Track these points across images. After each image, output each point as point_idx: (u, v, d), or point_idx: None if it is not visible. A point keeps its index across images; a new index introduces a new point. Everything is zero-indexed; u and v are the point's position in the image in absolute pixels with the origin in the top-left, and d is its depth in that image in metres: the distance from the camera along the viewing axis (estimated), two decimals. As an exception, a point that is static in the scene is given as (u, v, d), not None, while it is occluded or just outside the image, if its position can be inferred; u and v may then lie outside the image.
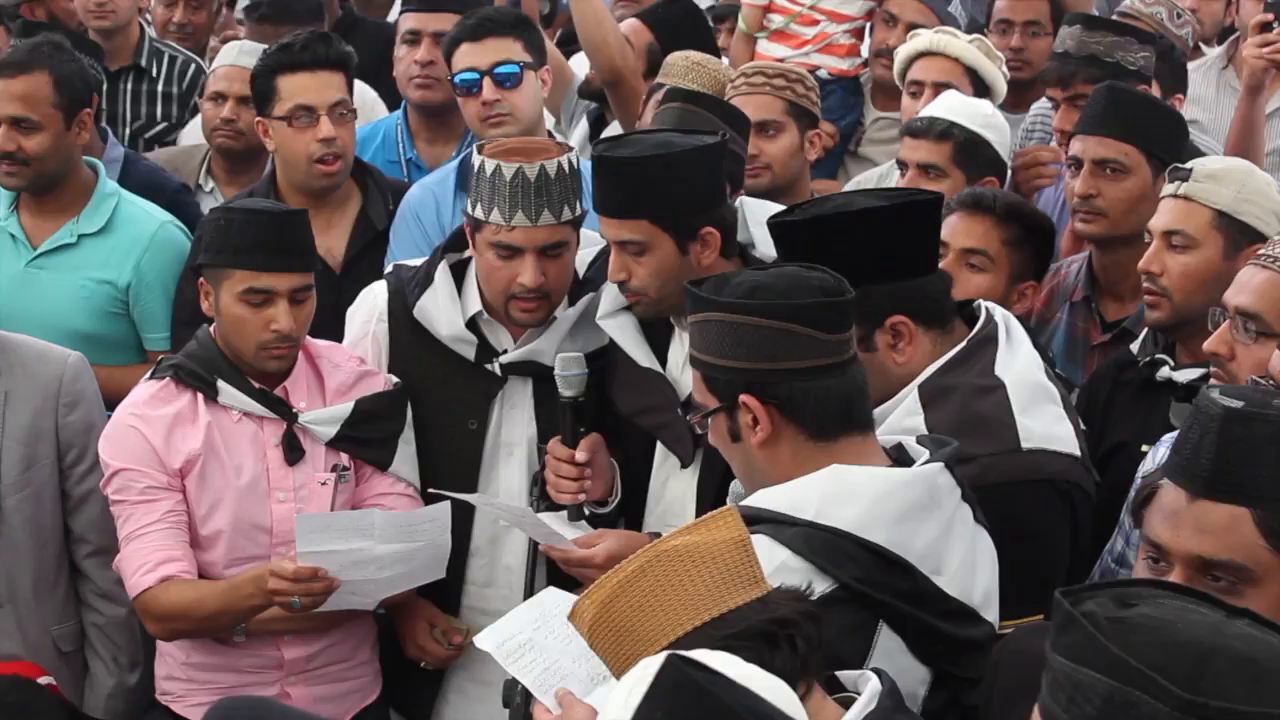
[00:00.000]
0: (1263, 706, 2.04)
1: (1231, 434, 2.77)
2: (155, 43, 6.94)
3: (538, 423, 4.56)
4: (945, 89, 5.61)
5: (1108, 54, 5.48)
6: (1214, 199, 4.29)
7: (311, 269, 4.51)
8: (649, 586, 2.75)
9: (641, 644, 2.67)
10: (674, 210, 4.21)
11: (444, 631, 4.48)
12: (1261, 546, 2.72)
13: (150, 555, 4.33)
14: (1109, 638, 2.14)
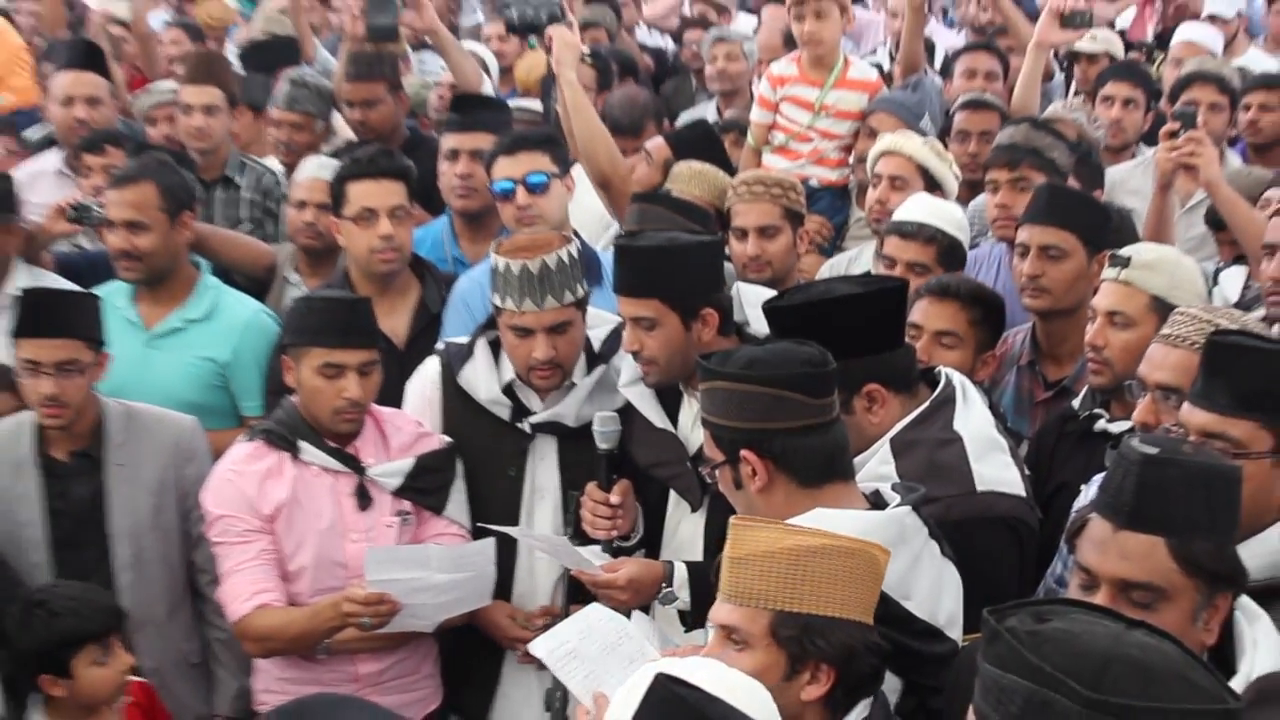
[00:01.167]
0: (1155, 701, 2.16)
1: (1149, 476, 2.83)
2: (240, 156, 7.00)
3: (562, 471, 4.57)
4: (899, 180, 5.67)
5: (1046, 151, 5.53)
6: (1150, 285, 4.33)
7: (376, 346, 4.55)
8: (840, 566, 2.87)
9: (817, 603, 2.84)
10: (679, 292, 4.23)
11: (525, 620, 4.49)
12: (1174, 570, 2.78)
13: (246, 587, 4.37)
14: (1027, 648, 2.24)
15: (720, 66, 8.38)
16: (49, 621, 4.12)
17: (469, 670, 4.68)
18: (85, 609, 4.19)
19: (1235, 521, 2.92)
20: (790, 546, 2.84)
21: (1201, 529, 2.79)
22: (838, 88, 7.05)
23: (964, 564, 3.41)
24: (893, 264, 5.05)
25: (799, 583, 2.81)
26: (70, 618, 4.13)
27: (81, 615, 4.15)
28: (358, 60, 7.36)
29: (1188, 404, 3.42)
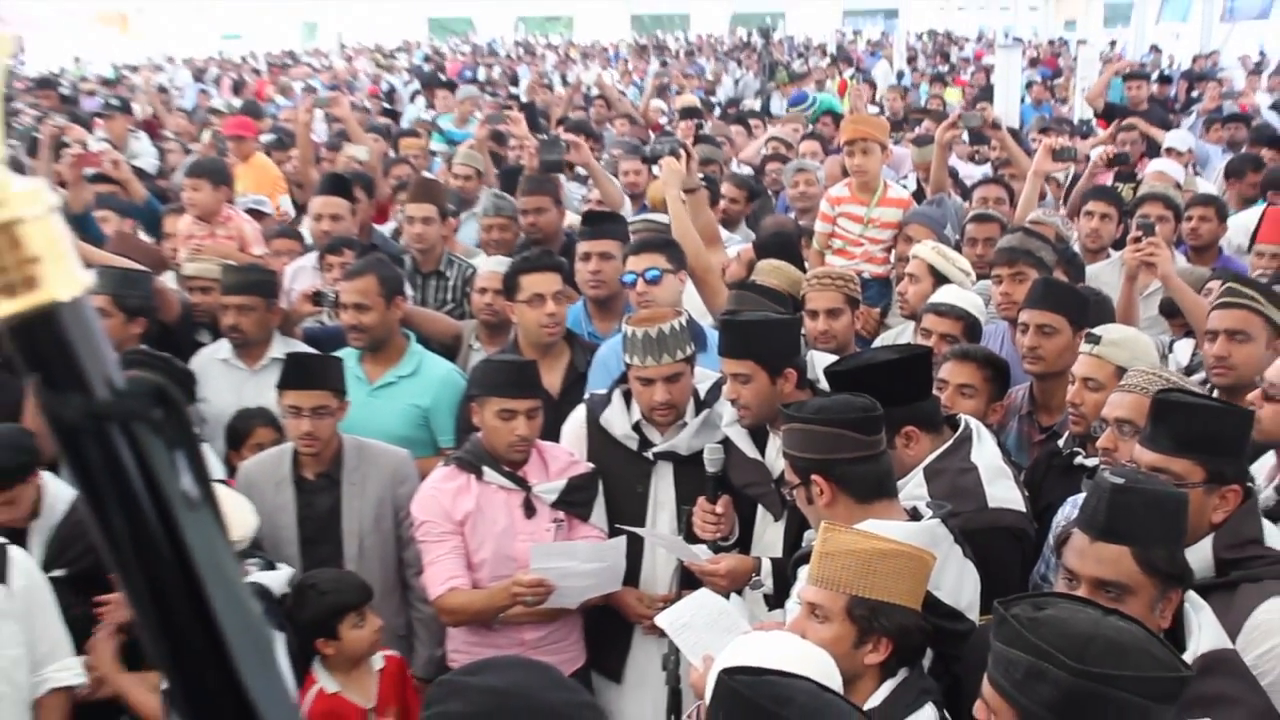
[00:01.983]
0: (1126, 670, 2.29)
1: (1117, 500, 2.92)
2: (449, 254, 7.11)
3: (677, 488, 4.60)
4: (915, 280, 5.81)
5: (1037, 252, 5.58)
6: (1116, 358, 4.40)
7: (539, 397, 4.60)
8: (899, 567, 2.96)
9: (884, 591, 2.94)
10: (768, 356, 4.29)
11: (649, 601, 4.51)
12: (1137, 572, 2.86)
13: (443, 574, 4.46)
14: (1027, 629, 2.40)
15: (800, 190, 8.43)
16: (319, 598, 4.27)
17: (606, 638, 4.73)
18: (345, 587, 4.35)
19: (1183, 534, 3.01)
20: (866, 548, 2.95)
21: (1157, 540, 2.88)
22: (880, 205, 7.14)
23: (980, 563, 3.45)
24: (929, 335, 5.12)
25: (871, 575, 2.91)
26: (334, 594, 4.27)
27: (342, 591, 4.30)
28: (531, 180, 7.51)
29: (1139, 446, 3.50)
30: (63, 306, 0.72)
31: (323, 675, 4.32)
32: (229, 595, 0.77)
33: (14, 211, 0.71)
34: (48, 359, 0.73)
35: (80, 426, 0.73)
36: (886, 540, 3.01)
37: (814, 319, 5.41)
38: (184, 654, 0.77)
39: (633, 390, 4.58)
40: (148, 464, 0.74)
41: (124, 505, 0.74)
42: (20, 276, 0.71)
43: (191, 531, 0.75)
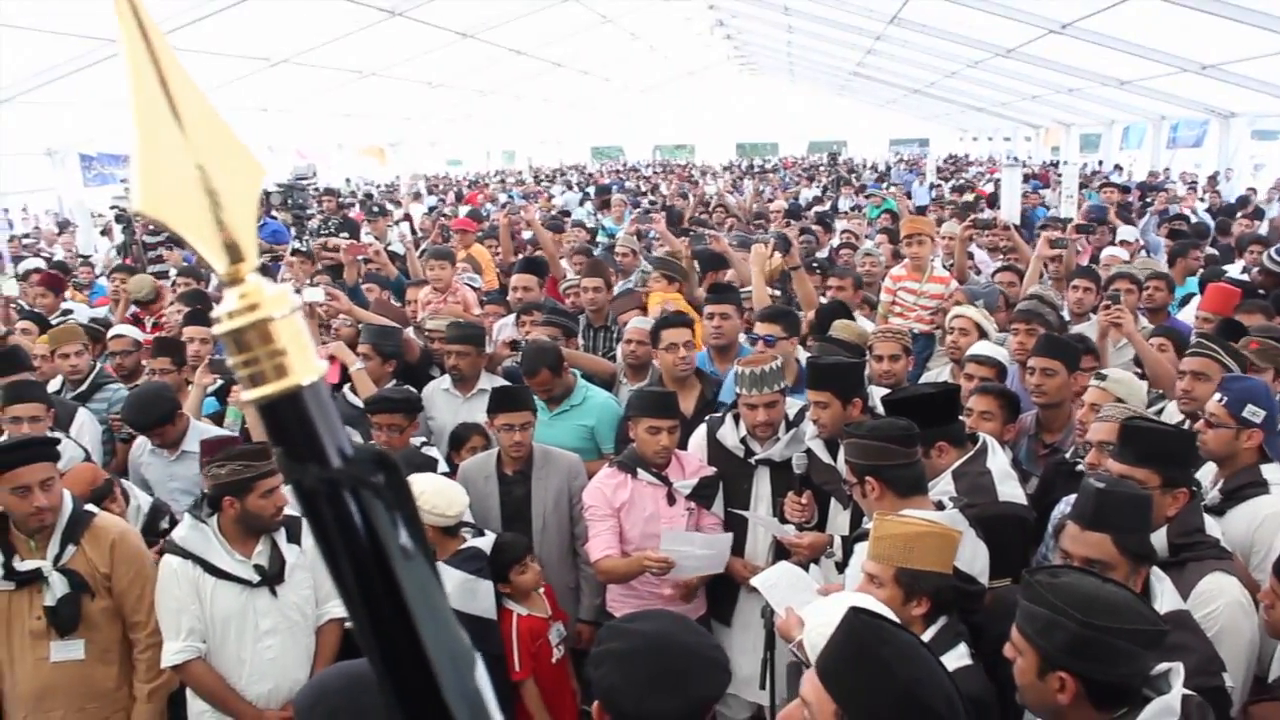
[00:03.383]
0: (1119, 623, 2.26)
1: (1101, 498, 2.92)
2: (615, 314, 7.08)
3: (773, 485, 4.56)
4: (965, 332, 5.76)
5: (1044, 314, 5.72)
6: (1116, 390, 4.47)
7: (678, 418, 4.58)
8: (932, 544, 2.94)
9: (921, 562, 2.93)
10: (841, 388, 4.32)
11: (751, 568, 4.44)
12: (1116, 553, 2.87)
13: (600, 546, 4.47)
14: (1047, 591, 2.41)
15: (866, 268, 8.41)
16: (501, 552, 4.31)
17: (720, 593, 4.69)
18: (518, 545, 4.38)
19: (1149, 525, 3.00)
20: (908, 531, 2.95)
21: (1131, 529, 2.89)
22: (929, 282, 7.19)
23: (991, 542, 3.41)
24: (971, 378, 5.10)
25: (911, 551, 2.91)
26: (509, 550, 4.31)
27: (510, 550, 4.32)
28: (591, 265, 7.60)
29: (1111, 459, 3.50)
30: (304, 390, 0.69)
31: (514, 606, 4.36)
32: (439, 629, 0.72)
33: (267, 311, 0.68)
34: (291, 434, 0.69)
35: (317, 491, 0.69)
36: (921, 523, 3.01)
37: (879, 362, 5.42)
38: (400, 677, 0.73)
39: (741, 413, 4.58)
40: (371, 522, 0.70)
41: (352, 556, 0.70)
42: (270, 366, 0.68)
43: (407, 578, 0.71)
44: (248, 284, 0.69)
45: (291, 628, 3.92)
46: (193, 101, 0.70)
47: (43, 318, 7.59)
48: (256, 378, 0.68)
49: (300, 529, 3.99)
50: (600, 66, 30.87)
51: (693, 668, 2.10)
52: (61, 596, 3.78)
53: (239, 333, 0.68)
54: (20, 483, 3.69)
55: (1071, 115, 27.54)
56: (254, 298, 0.69)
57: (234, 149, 0.71)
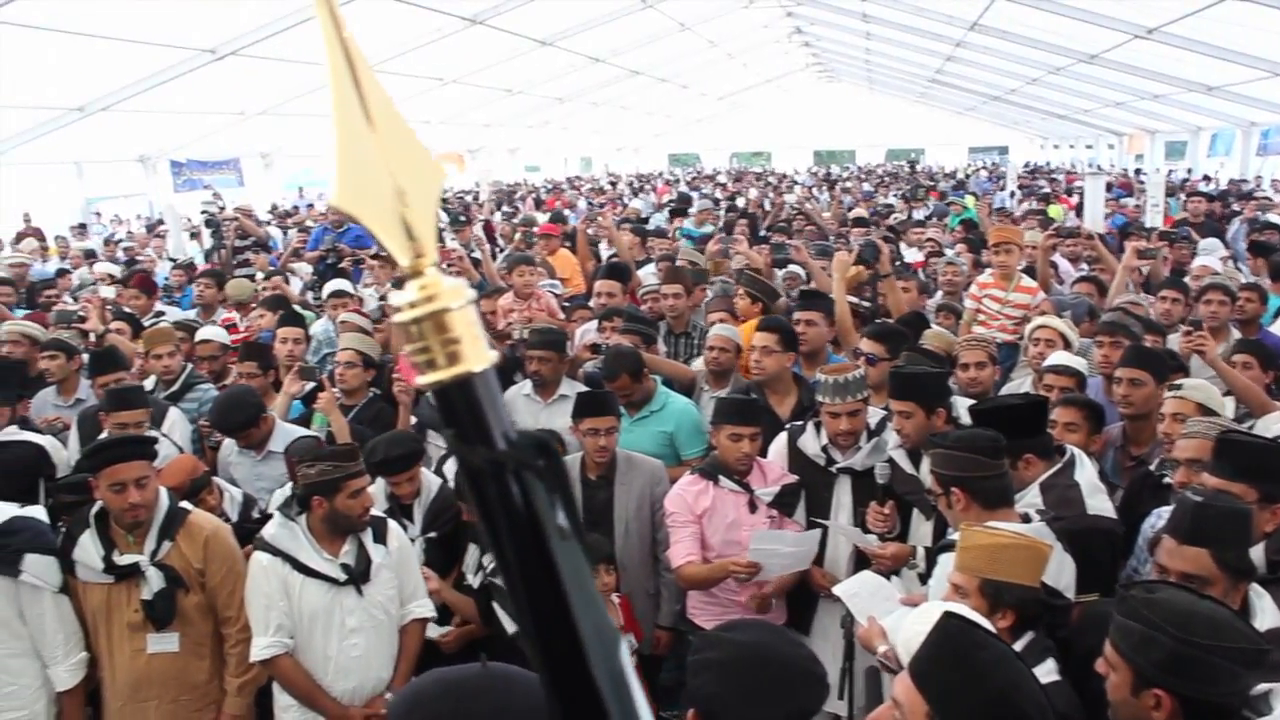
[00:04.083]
0: (1218, 641, 2.19)
1: (1198, 513, 2.87)
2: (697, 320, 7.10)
3: (854, 494, 4.51)
4: (1051, 343, 5.61)
5: (1130, 325, 5.61)
6: (1194, 398, 4.38)
7: (761, 425, 4.55)
8: (1018, 556, 2.88)
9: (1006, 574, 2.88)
10: (925, 398, 4.32)
11: (830, 579, 4.41)
12: (1214, 568, 2.80)
13: (682, 552, 4.44)
14: (1143, 606, 2.36)
15: (948, 277, 8.31)
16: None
17: (799, 602, 4.65)
18: (598, 550, 4.41)
19: (1248, 539, 2.94)
20: (992, 542, 2.92)
21: (1230, 544, 2.83)
22: (1015, 291, 7.12)
23: (1078, 557, 3.38)
24: (1051, 389, 5.01)
25: (996, 562, 2.87)
26: (591, 553, 4.34)
27: (596, 552, 4.33)
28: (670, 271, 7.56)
29: (1207, 474, 3.42)
30: (475, 376, 0.72)
31: None
32: (588, 607, 0.75)
33: (444, 303, 0.72)
34: (461, 417, 0.73)
35: (483, 470, 0.73)
36: (1007, 535, 2.97)
37: (965, 370, 5.35)
38: (551, 650, 0.75)
39: (823, 421, 4.56)
40: (531, 502, 0.73)
41: (512, 533, 0.74)
42: (444, 354, 0.72)
43: (562, 557, 0.74)
44: (427, 276, 0.73)
45: (376, 626, 3.98)
46: (384, 109, 0.75)
47: (136, 319, 7.77)
48: (431, 364, 0.73)
49: (386, 530, 4.06)
50: (678, 74, 30.90)
51: (792, 680, 2.09)
52: (158, 591, 3.88)
53: (417, 322, 0.72)
54: (117, 479, 3.80)
55: (1156, 122, 27.03)
56: (432, 290, 0.73)
57: (418, 153, 0.75)
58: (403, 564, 4.10)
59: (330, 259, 10.54)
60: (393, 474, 4.55)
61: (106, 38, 14.17)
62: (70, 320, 7.43)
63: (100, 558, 3.87)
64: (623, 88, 30.21)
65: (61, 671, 3.92)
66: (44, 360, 6.38)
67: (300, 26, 15.15)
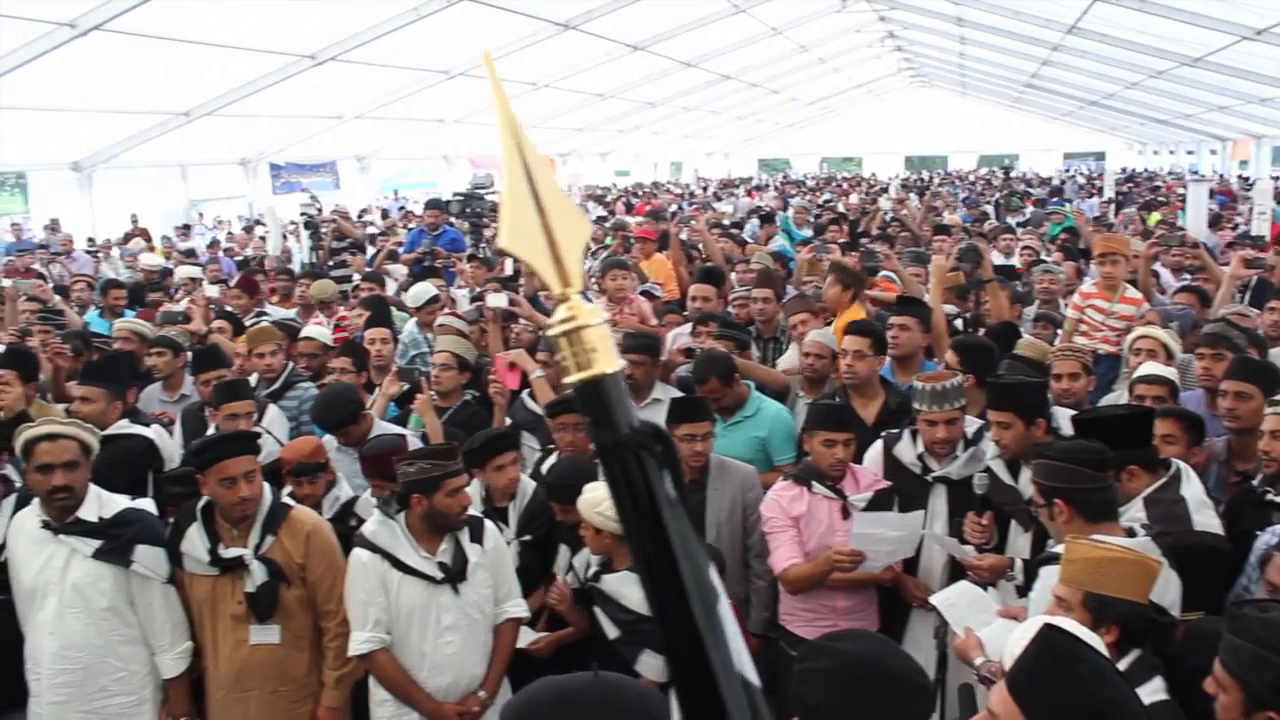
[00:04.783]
0: None
1: None
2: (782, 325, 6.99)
3: (949, 503, 4.46)
4: (1152, 354, 5.49)
5: (1233, 338, 5.39)
6: None
7: (854, 431, 4.50)
8: (1125, 570, 2.82)
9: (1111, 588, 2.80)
10: (1024, 408, 4.22)
11: (924, 589, 4.38)
12: None
13: (785, 555, 4.41)
14: (1256, 626, 2.31)
15: (1044, 285, 8.15)
16: None
17: (892, 612, 4.60)
18: (713, 556, 4.41)
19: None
20: (1098, 556, 2.85)
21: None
22: (1120, 302, 6.95)
23: (1185, 574, 3.28)
24: (1142, 399, 4.88)
25: (1101, 576, 2.81)
26: None
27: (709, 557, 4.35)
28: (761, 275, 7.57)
29: None
30: (605, 377, 0.94)
31: None
32: (693, 564, 0.95)
33: (583, 321, 0.95)
34: (594, 408, 0.95)
35: (611, 450, 0.94)
36: (1114, 549, 2.91)
37: (1058, 381, 5.21)
38: (663, 600, 0.95)
39: (920, 429, 4.51)
40: (647, 476, 0.94)
41: (634, 501, 0.95)
42: (585, 359, 0.94)
43: (671, 520, 0.95)
44: (572, 302, 0.96)
45: (471, 625, 4.02)
46: (542, 172, 0.98)
47: (237, 318, 7.95)
48: (575, 367, 0.94)
49: (483, 530, 4.10)
50: (769, 78, 30.84)
51: (900, 693, 2.06)
52: (261, 584, 3.97)
53: (565, 335, 0.95)
54: (227, 474, 3.90)
55: (1263, 126, 26.30)
56: (575, 311, 0.95)
57: (568, 208, 0.98)
58: (498, 564, 4.14)
59: (426, 262, 10.69)
60: (485, 460, 4.61)
61: (212, 44, 14.58)
62: (176, 319, 7.64)
63: (206, 550, 3.97)
64: (713, 92, 30.23)
65: (168, 659, 4.04)
66: (151, 357, 6.58)
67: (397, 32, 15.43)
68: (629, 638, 4.06)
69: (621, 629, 4.09)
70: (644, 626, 4.03)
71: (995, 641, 3.28)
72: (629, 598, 4.06)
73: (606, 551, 4.18)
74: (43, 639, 3.92)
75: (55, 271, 14.35)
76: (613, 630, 4.11)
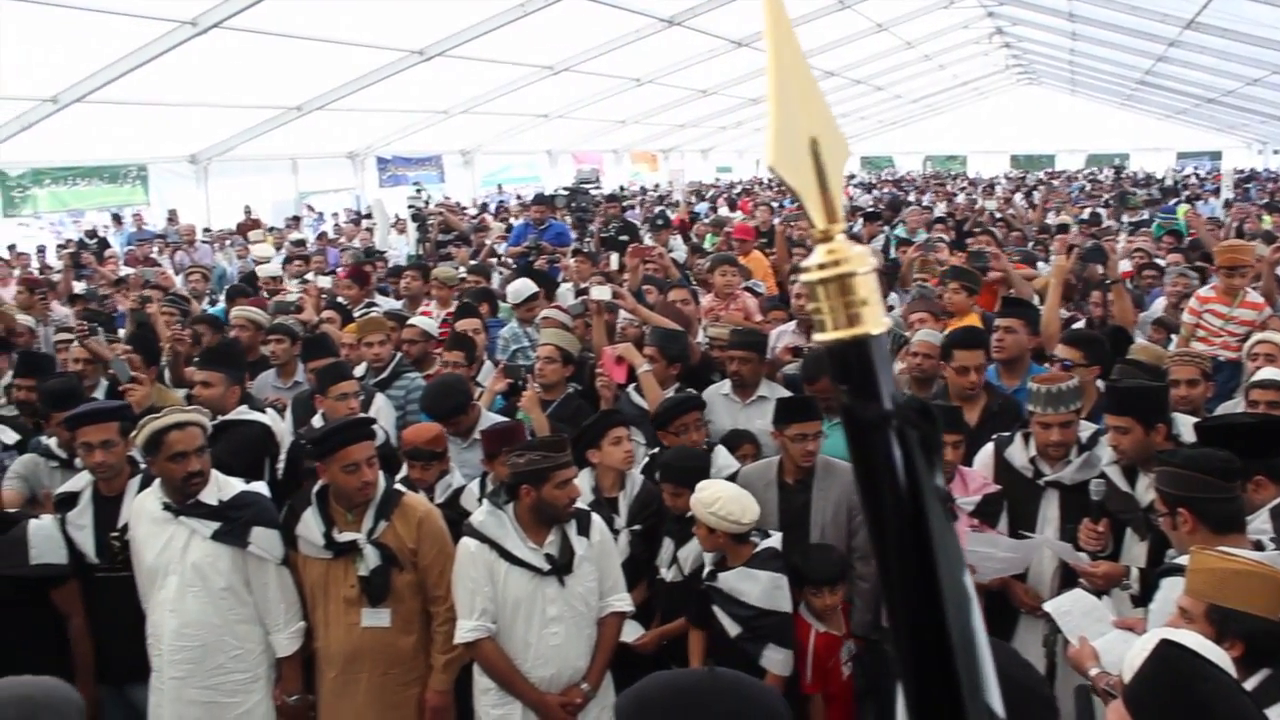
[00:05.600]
0: None
1: None
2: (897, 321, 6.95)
3: (1061, 509, 4.37)
4: (1271, 359, 5.31)
5: None
6: None
7: (963, 433, 4.51)
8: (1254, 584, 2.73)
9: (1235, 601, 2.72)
10: (1143, 414, 4.12)
11: (1034, 595, 4.35)
12: None
13: None
14: None
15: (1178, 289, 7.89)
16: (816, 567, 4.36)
17: (999, 619, 4.48)
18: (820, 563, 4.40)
19: None
20: (1223, 567, 2.77)
21: None
22: (1240, 307, 6.72)
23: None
24: (1256, 404, 4.75)
25: (1225, 588, 2.73)
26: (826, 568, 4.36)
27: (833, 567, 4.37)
28: None
29: None
30: (872, 339, 0.78)
31: (813, 620, 4.34)
32: (950, 567, 0.80)
33: (850, 267, 0.78)
34: (854, 375, 0.79)
35: (872, 425, 0.78)
36: (1242, 561, 2.82)
37: (1175, 387, 5.07)
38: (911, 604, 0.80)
39: (1033, 432, 4.43)
40: (912, 459, 0.79)
41: (894, 490, 0.79)
42: (845, 315, 0.78)
43: (934, 517, 0.79)
44: (836, 242, 0.79)
45: (576, 617, 4.04)
46: (808, 86, 0.81)
47: (345, 308, 8.10)
48: (831, 323, 0.79)
49: (590, 523, 4.13)
50: (872, 75, 30.51)
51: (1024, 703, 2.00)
52: (374, 568, 4.05)
53: (824, 283, 0.79)
54: (350, 460, 3.99)
55: (1392, 126, 25.26)
56: (840, 254, 0.79)
57: (833, 130, 0.81)
58: (604, 557, 4.16)
59: (531, 256, 10.78)
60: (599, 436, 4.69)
61: (324, 40, 14.89)
62: (289, 309, 7.83)
63: (321, 534, 4.07)
64: (816, 89, 29.97)
65: (282, 639, 4.14)
66: (269, 344, 6.75)
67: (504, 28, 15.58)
68: (750, 634, 4.07)
69: (742, 625, 4.09)
70: (765, 621, 4.05)
71: (1111, 652, 3.21)
72: (748, 594, 4.08)
73: (720, 550, 4.19)
74: (164, 617, 4.04)
75: (177, 259, 14.83)
76: (734, 628, 4.12)
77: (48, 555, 4.29)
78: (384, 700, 4.15)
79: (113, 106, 14.94)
